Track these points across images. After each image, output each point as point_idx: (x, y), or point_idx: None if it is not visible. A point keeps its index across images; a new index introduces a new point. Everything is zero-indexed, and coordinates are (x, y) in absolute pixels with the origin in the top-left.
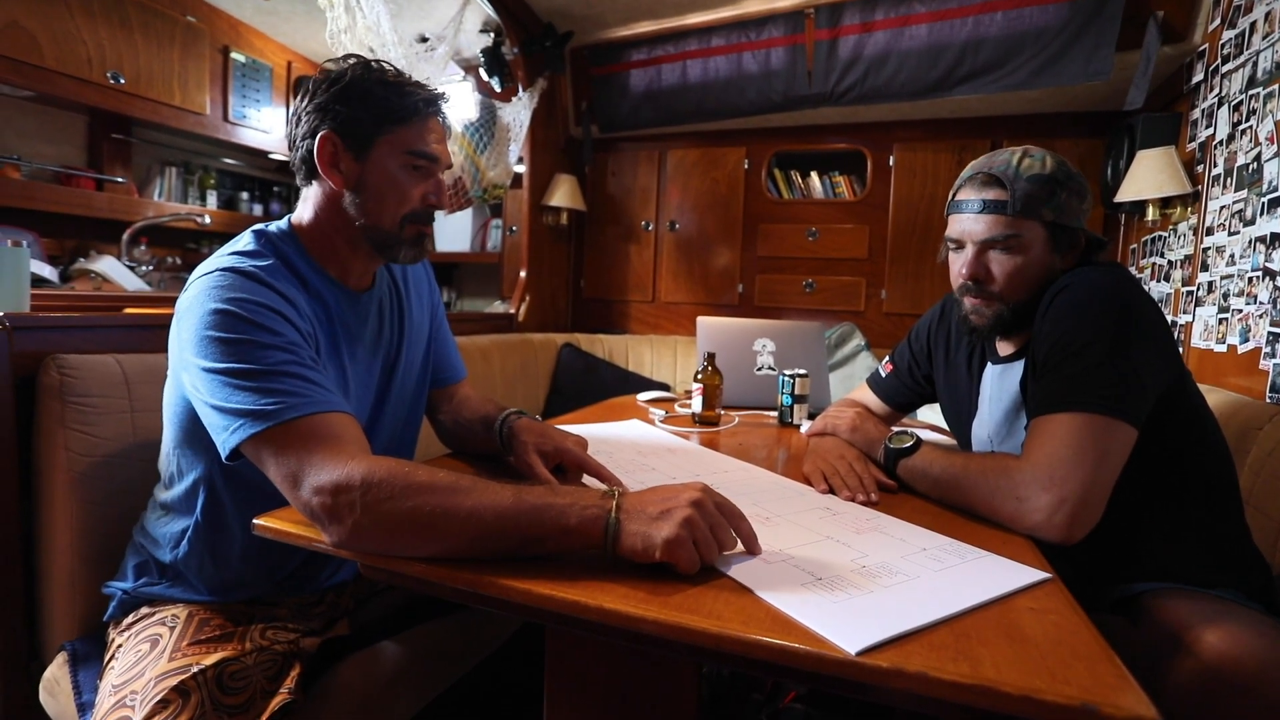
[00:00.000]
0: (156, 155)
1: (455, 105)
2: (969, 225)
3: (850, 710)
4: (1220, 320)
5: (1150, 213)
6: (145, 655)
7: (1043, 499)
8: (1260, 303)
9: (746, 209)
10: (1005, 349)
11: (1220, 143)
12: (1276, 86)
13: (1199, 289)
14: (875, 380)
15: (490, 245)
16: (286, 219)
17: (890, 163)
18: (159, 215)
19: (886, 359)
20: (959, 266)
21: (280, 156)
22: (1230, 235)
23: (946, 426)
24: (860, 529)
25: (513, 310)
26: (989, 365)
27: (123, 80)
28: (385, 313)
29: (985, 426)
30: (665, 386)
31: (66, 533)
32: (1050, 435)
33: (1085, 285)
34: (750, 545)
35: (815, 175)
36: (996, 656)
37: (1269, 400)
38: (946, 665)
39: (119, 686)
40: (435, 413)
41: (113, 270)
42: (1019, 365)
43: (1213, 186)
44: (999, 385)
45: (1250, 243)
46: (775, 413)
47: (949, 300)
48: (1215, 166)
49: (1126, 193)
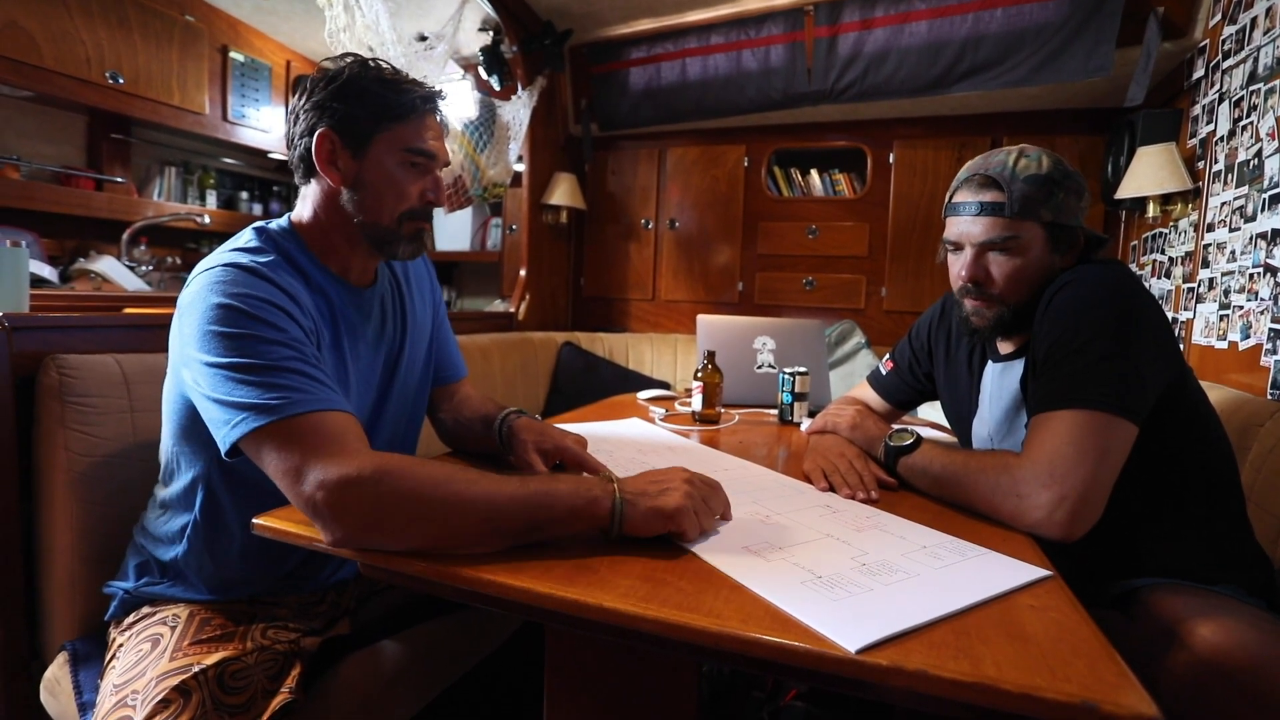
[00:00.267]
0: (156, 155)
1: (454, 104)
2: (967, 228)
3: (851, 708)
4: (1221, 317)
5: (1151, 209)
6: (146, 655)
7: (1043, 496)
8: (1261, 299)
9: (746, 207)
10: (1006, 347)
11: (1221, 139)
12: (1277, 82)
13: (1200, 285)
14: (875, 378)
15: (490, 244)
16: (286, 217)
17: (890, 160)
18: (158, 215)
19: (887, 356)
20: (958, 269)
21: (280, 156)
22: (1231, 231)
23: (947, 424)
24: (860, 527)
25: (513, 309)
26: (989, 363)
27: (122, 80)
28: (388, 309)
29: (986, 424)
30: (665, 385)
31: (67, 533)
32: (1051, 432)
33: (1085, 283)
34: (726, 513)
35: (815, 173)
36: (997, 654)
37: (1270, 397)
38: (946, 663)
39: (120, 686)
40: (436, 411)
41: (112, 270)
42: (1019, 363)
43: (1213, 183)
44: (999, 383)
45: (1251, 239)
46: (775, 411)
47: (949, 298)
48: (1216, 163)
49: (1127, 189)
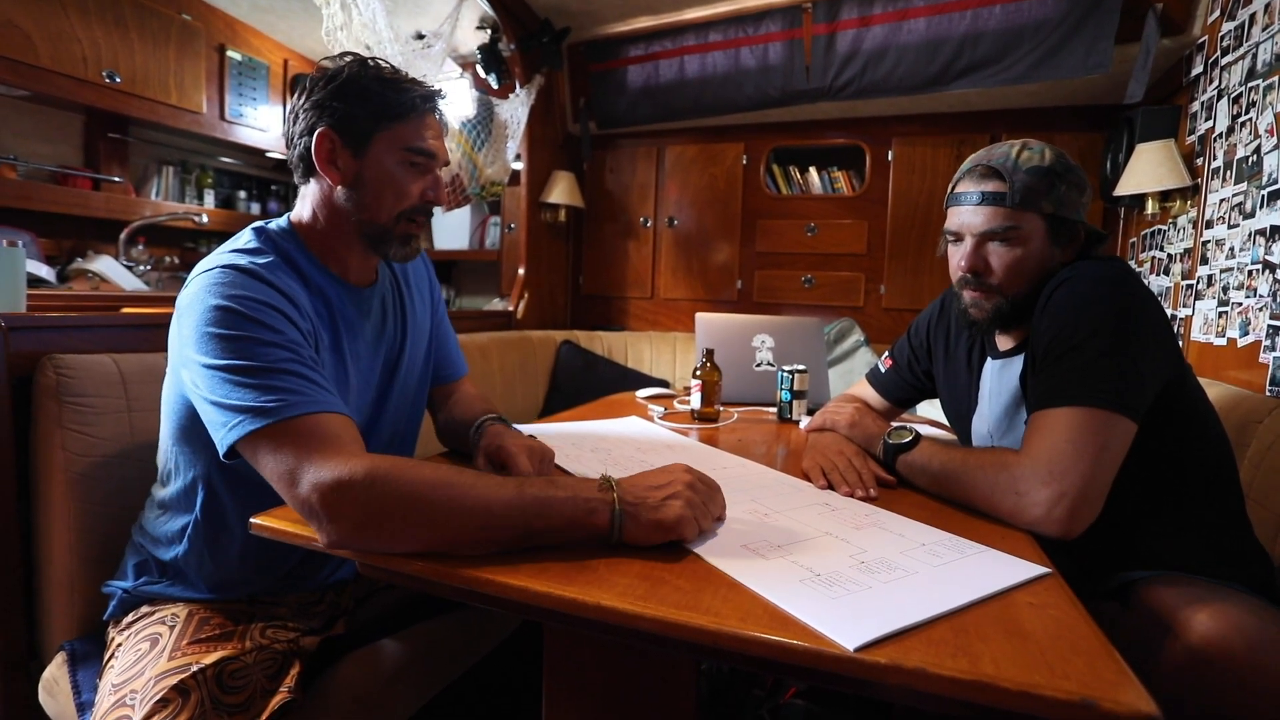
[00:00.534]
0: (153, 154)
1: (452, 102)
2: (968, 218)
3: (850, 706)
4: (1220, 313)
5: (1150, 206)
6: (145, 654)
7: (1042, 493)
8: (1260, 296)
9: (745, 205)
10: (1005, 344)
11: (1220, 135)
12: (1276, 79)
13: (1199, 282)
14: (874, 376)
15: (489, 243)
16: (286, 217)
17: (889, 158)
18: (156, 215)
19: (886, 354)
20: (958, 259)
21: (278, 155)
22: (1230, 228)
23: (946, 422)
24: (859, 524)
25: (511, 308)
26: (989, 360)
27: (118, 79)
28: (388, 309)
29: (985, 421)
30: (664, 383)
31: (65, 533)
32: (1049, 429)
33: (1085, 279)
34: (722, 514)
35: (814, 170)
36: (995, 652)
37: (1269, 394)
38: (945, 661)
39: (119, 685)
40: (435, 410)
41: (110, 270)
42: (1019, 360)
43: (1212, 179)
44: (999, 380)
45: (1250, 236)
46: (774, 409)
47: (949, 295)
48: (1215, 159)
49: (1126, 186)
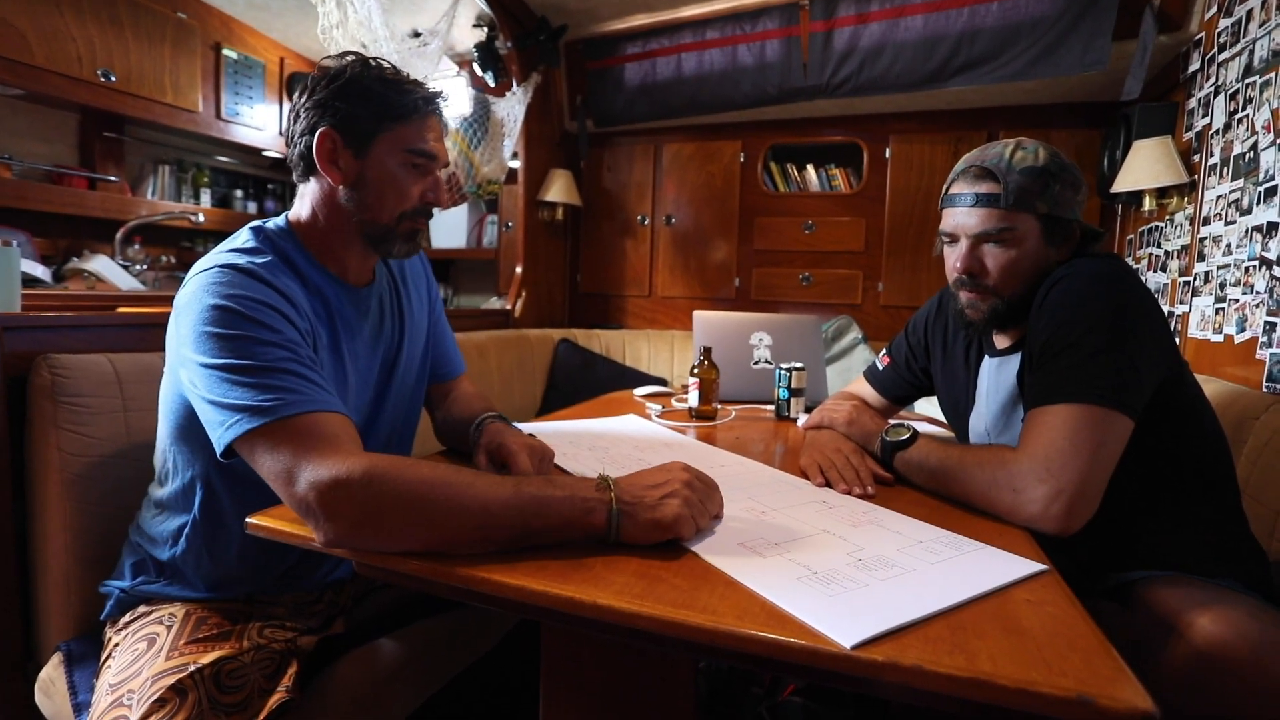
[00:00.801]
0: (149, 153)
1: (449, 100)
2: (962, 219)
3: (848, 703)
4: (1217, 310)
5: (1147, 203)
6: (142, 654)
7: (1039, 490)
8: (1257, 292)
9: (742, 202)
10: (1002, 342)
11: (1217, 132)
12: (1273, 75)
13: (1196, 279)
14: (872, 373)
15: (486, 241)
16: (284, 216)
17: (886, 155)
18: (152, 214)
19: (883, 352)
20: (953, 261)
21: (274, 154)
22: (1227, 225)
23: (944, 419)
24: (856, 522)
25: (509, 306)
26: (986, 358)
27: (114, 78)
28: (386, 308)
29: (983, 419)
30: (662, 381)
31: (61, 533)
32: (1047, 426)
33: (1081, 276)
34: (719, 512)
35: (811, 168)
36: (992, 649)
37: (1265, 390)
38: (942, 658)
39: (116, 686)
40: (433, 408)
41: (106, 269)
42: (1016, 358)
43: (1209, 176)
44: (996, 378)
45: (1247, 232)
46: (772, 406)
47: (946, 293)
48: (1212, 156)
49: (1123, 183)
